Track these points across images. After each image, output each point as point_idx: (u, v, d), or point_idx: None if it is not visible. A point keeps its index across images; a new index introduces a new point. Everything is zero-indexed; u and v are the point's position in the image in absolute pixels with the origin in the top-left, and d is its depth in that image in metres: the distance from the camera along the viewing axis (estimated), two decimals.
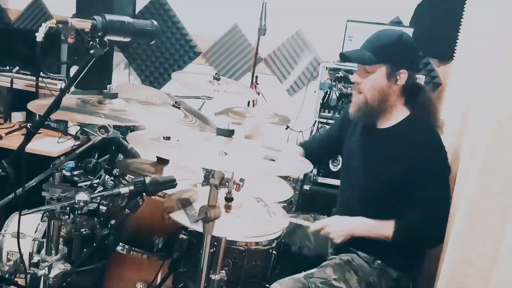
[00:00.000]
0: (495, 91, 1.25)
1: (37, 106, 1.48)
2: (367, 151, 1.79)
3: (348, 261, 1.71)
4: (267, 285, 1.73)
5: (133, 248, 1.81)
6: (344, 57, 1.76)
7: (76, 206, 1.30)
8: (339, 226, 1.70)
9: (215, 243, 1.49)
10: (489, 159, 1.24)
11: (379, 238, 1.67)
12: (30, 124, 2.72)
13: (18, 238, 1.40)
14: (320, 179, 2.81)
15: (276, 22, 3.14)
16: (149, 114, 1.61)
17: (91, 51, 1.12)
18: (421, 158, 1.62)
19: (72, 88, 2.66)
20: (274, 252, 1.75)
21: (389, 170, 1.68)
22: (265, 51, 3.39)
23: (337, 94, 2.86)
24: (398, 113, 1.73)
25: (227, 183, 1.28)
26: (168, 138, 1.39)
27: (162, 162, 1.86)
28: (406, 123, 1.71)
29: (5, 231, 1.79)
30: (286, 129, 2.93)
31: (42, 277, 1.50)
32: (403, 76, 1.66)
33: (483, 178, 1.26)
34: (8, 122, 3.17)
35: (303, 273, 1.65)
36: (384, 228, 1.66)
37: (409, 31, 2.83)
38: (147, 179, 1.34)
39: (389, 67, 1.65)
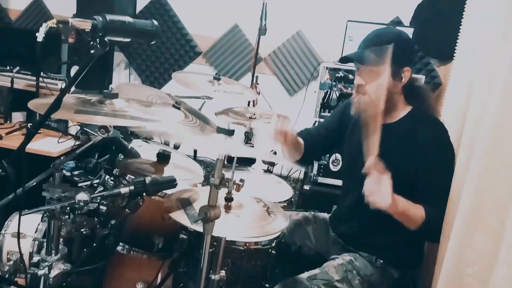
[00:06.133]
0: (494, 90, 1.25)
1: (38, 104, 1.47)
2: None
3: (351, 261, 1.70)
4: (266, 285, 1.74)
5: (133, 248, 1.82)
6: (345, 60, 1.73)
7: (76, 206, 1.30)
8: (389, 186, 1.45)
9: (215, 243, 1.50)
10: (488, 158, 1.24)
11: (413, 219, 1.55)
12: (31, 124, 2.74)
13: (18, 238, 1.40)
14: (320, 179, 2.81)
15: (276, 22, 3.15)
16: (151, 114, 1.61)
17: (92, 51, 1.12)
18: (433, 152, 1.60)
19: (73, 88, 2.66)
20: (273, 252, 1.76)
21: (398, 167, 1.63)
22: (265, 51, 3.40)
23: (337, 94, 2.86)
24: (401, 109, 1.72)
25: (227, 183, 1.28)
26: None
27: (162, 162, 1.86)
28: (410, 117, 1.69)
29: (5, 231, 1.79)
30: None
31: (42, 277, 1.49)
32: (407, 74, 1.66)
33: (483, 177, 1.26)
34: (8, 122, 3.17)
35: (306, 274, 1.64)
36: (418, 210, 1.55)
37: (409, 31, 2.83)
38: (147, 179, 1.34)
39: (394, 66, 1.60)
